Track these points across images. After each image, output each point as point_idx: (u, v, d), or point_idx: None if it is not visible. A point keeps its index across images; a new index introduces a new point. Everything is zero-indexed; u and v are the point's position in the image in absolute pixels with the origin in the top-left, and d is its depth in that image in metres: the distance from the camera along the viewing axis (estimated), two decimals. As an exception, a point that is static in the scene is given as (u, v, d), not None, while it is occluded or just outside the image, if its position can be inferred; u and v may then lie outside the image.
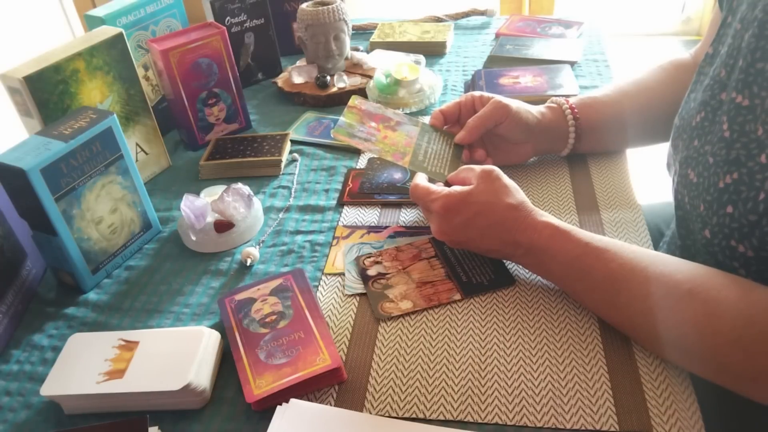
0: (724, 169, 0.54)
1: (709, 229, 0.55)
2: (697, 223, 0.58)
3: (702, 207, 0.57)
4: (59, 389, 0.57)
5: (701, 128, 0.59)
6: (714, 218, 0.55)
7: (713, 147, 0.56)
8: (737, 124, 0.54)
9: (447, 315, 0.64)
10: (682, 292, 0.51)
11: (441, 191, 0.66)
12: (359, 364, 0.60)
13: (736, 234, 0.52)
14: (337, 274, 0.71)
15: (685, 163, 0.61)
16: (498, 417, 0.54)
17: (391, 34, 1.23)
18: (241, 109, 0.99)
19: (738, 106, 0.54)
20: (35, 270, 0.74)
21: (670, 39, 2.93)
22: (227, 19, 1.06)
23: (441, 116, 0.81)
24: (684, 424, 0.51)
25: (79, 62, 0.76)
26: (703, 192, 0.57)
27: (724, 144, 0.54)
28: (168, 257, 0.77)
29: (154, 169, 0.92)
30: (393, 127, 0.79)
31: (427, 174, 0.73)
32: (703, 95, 0.60)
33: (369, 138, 0.77)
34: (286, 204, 0.83)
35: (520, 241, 0.62)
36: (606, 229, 0.72)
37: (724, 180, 0.54)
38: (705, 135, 0.58)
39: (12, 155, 0.63)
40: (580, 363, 0.58)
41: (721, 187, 0.54)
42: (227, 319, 0.64)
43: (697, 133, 0.60)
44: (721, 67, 0.58)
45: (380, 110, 0.82)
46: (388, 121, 0.80)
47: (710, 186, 0.56)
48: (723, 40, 0.61)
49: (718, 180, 0.54)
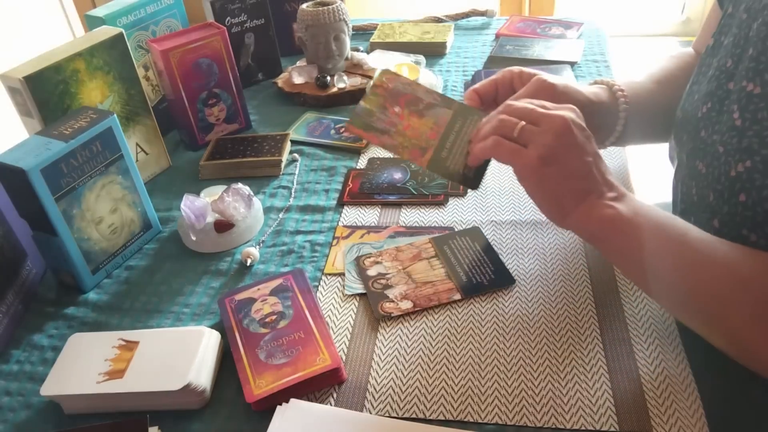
0: (736, 157, 0.53)
1: (719, 218, 0.55)
2: (704, 213, 0.58)
3: (711, 197, 0.56)
4: (59, 389, 0.57)
5: (708, 119, 0.59)
6: (725, 207, 0.54)
7: (722, 136, 0.56)
8: (749, 112, 0.53)
9: (447, 315, 0.64)
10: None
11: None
12: (359, 364, 0.60)
13: (748, 223, 0.51)
14: (337, 274, 0.71)
15: (692, 155, 0.61)
16: (498, 417, 0.54)
17: (391, 34, 1.23)
18: (241, 110, 0.99)
19: (749, 94, 0.54)
20: (35, 270, 0.74)
21: (670, 40, 2.93)
22: (227, 20, 1.06)
23: (476, 96, 0.68)
24: (684, 423, 0.52)
25: (80, 62, 0.76)
26: (712, 182, 0.56)
27: (735, 133, 0.54)
28: (168, 257, 0.77)
29: (155, 169, 0.92)
30: (421, 112, 0.66)
31: (446, 176, 0.64)
32: (708, 86, 0.60)
33: (388, 129, 0.64)
34: (286, 204, 0.83)
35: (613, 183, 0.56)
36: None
37: (735, 168, 0.53)
38: (712, 125, 0.58)
39: (12, 155, 0.63)
40: (580, 363, 0.58)
41: (733, 176, 0.53)
42: (227, 319, 0.64)
43: (703, 124, 0.59)
44: (726, 57, 0.58)
45: (410, 88, 0.67)
46: (418, 104, 0.66)
47: (720, 175, 0.55)
48: (725, 31, 0.61)
49: (729, 169, 0.54)
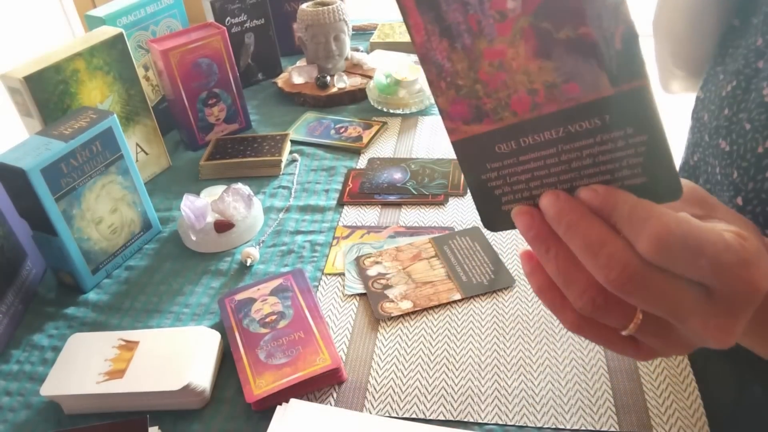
0: (764, 134, 0.53)
1: (743, 196, 0.54)
2: (727, 192, 0.57)
3: (735, 174, 0.56)
4: (59, 389, 0.57)
5: (733, 97, 0.58)
6: (750, 184, 0.54)
7: (750, 114, 0.55)
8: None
9: (447, 315, 0.64)
10: None
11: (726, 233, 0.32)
12: (359, 364, 0.60)
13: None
14: (337, 274, 0.71)
15: (715, 134, 0.60)
16: (498, 417, 0.54)
17: (391, 34, 1.23)
18: (241, 110, 0.99)
19: None
20: (35, 270, 0.74)
21: (670, 39, 2.92)
22: (227, 20, 1.06)
23: None
24: (684, 423, 0.51)
25: (80, 62, 0.76)
26: (737, 159, 0.56)
27: (764, 109, 0.53)
28: (168, 257, 0.77)
29: (154, 169, 0.92)
30: (550, 47, 0.32)
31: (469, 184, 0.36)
32: (734, 65, 0.60)
33: (459, 33, 0.33)
34: (286, 204, 0.83)
35: None
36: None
37: (763, 145, 0.53)
38: (738, 103, 0.57)
39: (12, 155, 0.63)
40: (580, 363, 0.58)
41: (760, 152, 0.53)
42: (227, 319, 0.64)
43: (727, 102, 0.59)
44: (757, 36, 0.58)
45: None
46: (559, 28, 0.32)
47: (747, 152, 0.54)
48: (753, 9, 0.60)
49: (757, 145, 0.53)
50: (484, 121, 0.31)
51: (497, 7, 0.28)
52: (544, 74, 0.29)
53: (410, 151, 0.91)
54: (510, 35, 0.28)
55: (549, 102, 0.29)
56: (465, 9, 0.28)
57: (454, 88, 0.31)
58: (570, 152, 0.31)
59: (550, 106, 0.30)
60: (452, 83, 0.31)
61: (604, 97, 0.29)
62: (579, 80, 0.29)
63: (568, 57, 0.28)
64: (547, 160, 0.31)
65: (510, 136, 0.31)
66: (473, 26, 0.29)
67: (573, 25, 0.27)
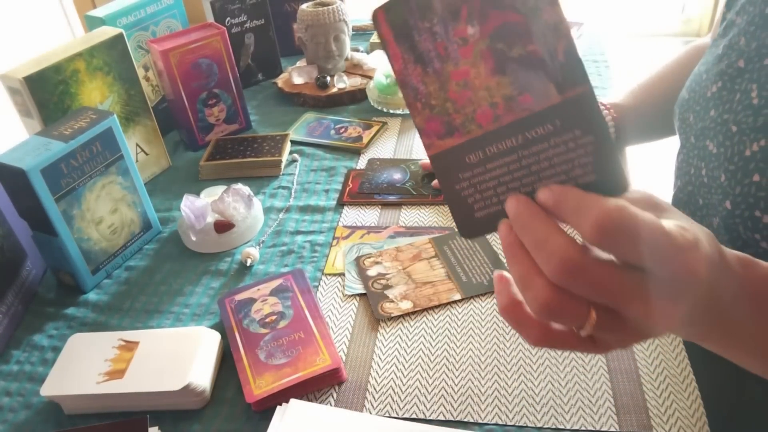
0: (751, 136, 0.52)
1: (731, 200, 0.53)
2: (715, 195, 0.56)
3: (723, 177, 0.55)
4: (59, 389, 0.57)
5: (718, 98, 0.57)
6: (737, 188, 0.53)
7: (736, 115, 0.54)
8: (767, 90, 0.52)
9: (447, 315, 0.64)
10: None
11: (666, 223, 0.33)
12: (359, 364, 0.60)
13: (762, 204, 0.50)
14: (337, 275, 0.71)
15: (702, 135, 0.59)
16: (498, 417, 0.54)
17: (391, 34, 1.23)
18: (241, 110, 0.99)
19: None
20: (35, 270, 0.74)
21: (670, 40, 2.93)
22: (227, 20, 1.06)
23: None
24: (684, 423, 0.52)
25: (80, 62, 0.76)
26: (724, 162, 0.55)
27: (751, 111, 0.53)
28: (168, 258, 0.77)
29: (154, 170, 0.92)
30: (505, 63, 0.36)
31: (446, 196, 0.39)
32: (718, 65, 0.59)
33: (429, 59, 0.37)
34: (286, 204, 0.83)
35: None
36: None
37: (750, 148, 0.52)
38: (723, 104, 0.57)
39: (12, 155, 0.63)
40: (580, 363, 0.58)
41: (748, 156, 0.52)
42: (227, 319, 0.64)
43: (713, 103, 0.58)
44: (739, 36, 0.57)
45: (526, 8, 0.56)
46: (513, 43, 0.37)
47: (734, 155, 0.54)
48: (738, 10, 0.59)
49: (744, 148, 0.52)
50: (454, 135, 0.35)
51: (460, 34, 0.33)
52: (502, 88, 0.33)
53: (410, 151, 0.91)
54: (472, 57, 0.33)
55: (508, 113, 0.34)
56: (434, 38, 0.33)
57: (429, 108, 0.35)
58: (529, 157, 0.34)
59: (508, 116, 0.34)
60: (426, 103, 0.35)
61: (553, 104, 0.32)
62: (531, 91, 0.33)
63: (521, 72, 0.32)
64: (510, 166, 0.35)
65: (477, 146, 0.35)
66: (441, 52, 0.34)
67: (522, 44, 0.32)
